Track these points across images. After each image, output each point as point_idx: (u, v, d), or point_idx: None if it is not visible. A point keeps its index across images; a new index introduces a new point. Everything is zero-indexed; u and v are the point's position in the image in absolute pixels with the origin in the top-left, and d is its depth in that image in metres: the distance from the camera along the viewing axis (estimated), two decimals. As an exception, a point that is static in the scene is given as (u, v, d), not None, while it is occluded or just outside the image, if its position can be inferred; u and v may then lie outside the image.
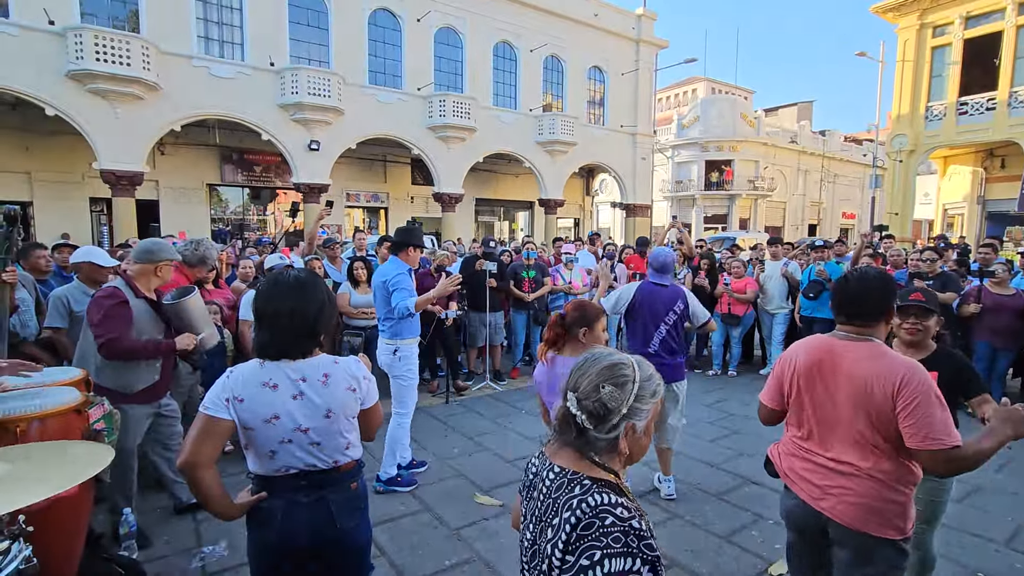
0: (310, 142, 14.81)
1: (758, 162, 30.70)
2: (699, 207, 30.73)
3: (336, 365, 1.84)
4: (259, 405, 1.74)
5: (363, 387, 1.88)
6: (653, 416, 1.32)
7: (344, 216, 20.26)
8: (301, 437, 1.79)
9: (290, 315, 1.76)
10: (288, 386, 1.77)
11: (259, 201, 19.20)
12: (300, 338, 1.78)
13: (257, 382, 1.76)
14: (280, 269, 1.91)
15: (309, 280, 1.84)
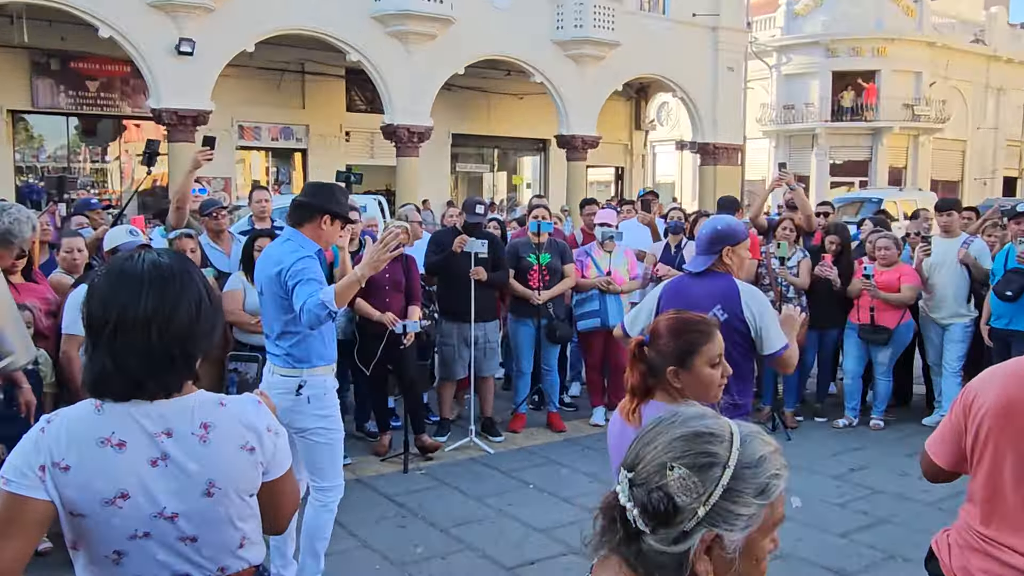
0: (179, 42, 14.83)
1: (920, 74, 30.79)
2: (821, 149, 30.81)
3: (223, 409, 1.86)
4: (95, 476, 1.73)
5: (266, 445, 1.89)
6: (766, 527, 1.28)
7: (236, 164, 20.33)
8: (165, 529, 1.79)
9: (145, 326, 1.77)
10: (144, 444, 1.77)
11: (94, 139, 19.28)
12: (162, 364, 1.79)
13: (92, 438, 1.75)
14: (129, 251, 1.92)
15: (176, 269, 1.84)
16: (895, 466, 6.22)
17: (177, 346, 1.79)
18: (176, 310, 1.79)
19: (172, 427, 1.79)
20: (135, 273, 1.80)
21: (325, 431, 3.95)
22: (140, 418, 1.77)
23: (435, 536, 4.95)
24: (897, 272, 7.02)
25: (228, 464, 1.82)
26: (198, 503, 1.80)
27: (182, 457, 1.78)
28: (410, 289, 6.32)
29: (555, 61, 19.61)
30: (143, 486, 1.75)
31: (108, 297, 1.78)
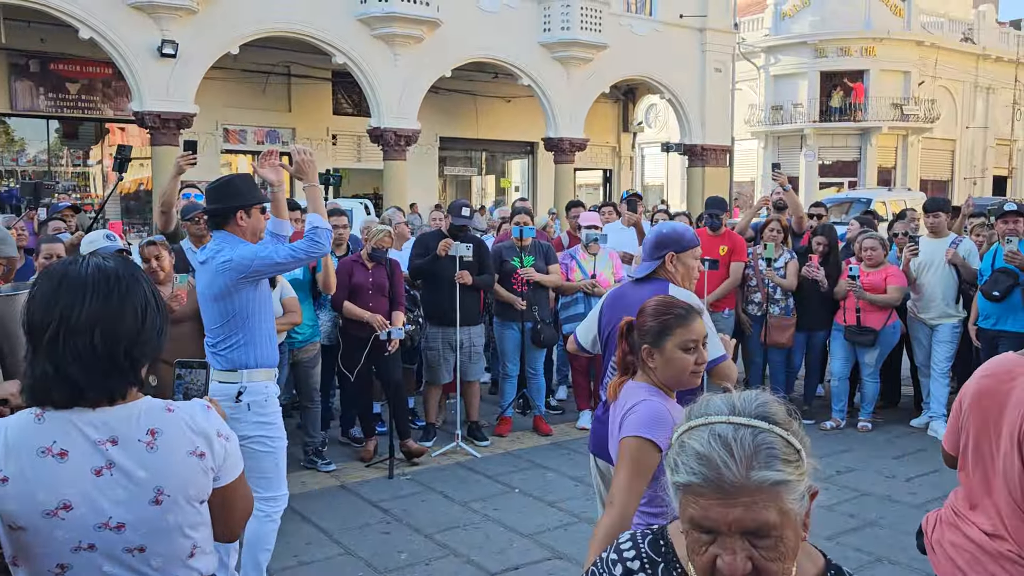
0: (161, 44, 14.78)
1: (908, 74, 30.96)
2: (810, 150, 30.93)
3: (170, 415, 1.83)
4: (36, 487, 1.71)
5: (217, 450, 1.87)
6: (681, 515, 1.32)
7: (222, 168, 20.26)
8: (111, 539, 1.76)
9: (88, 331, 1.74)
10: (87, 453, 1.74)
11: (76, 142, 19.18)
12: (105, 370, 1.76)
13: (32, 448, 1.72)
14: (69, 258, 1.90)
15: (121, 273, 1.83)
16: (882, 468, 6.24)
17: (121, 351, 1.77)
18: (121, 314, 1.77)
19: (117, 434, 1.76)
20: (78, 277, 1.78)
21: (267, 439, 3.89)
22: (83, 426, 1.75)
23: (419, 542, 4.94)
24: (883, 273, 7.04)
25: (177, 470, 1.80)
26: (146, 512, 1.77)
27: (129, 464, 1.76)
28: (394, 293, 6.31)
29: (542, 64, 19.63)
30: (87, 496, 1.73)
31: (50, 301, 1.76)
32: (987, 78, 34.19)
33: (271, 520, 3.98)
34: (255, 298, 3.85)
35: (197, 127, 15.83)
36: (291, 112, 20.56)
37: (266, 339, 3.93)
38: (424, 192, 21.44)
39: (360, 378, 6.31)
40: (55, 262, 1.91)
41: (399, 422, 6.33)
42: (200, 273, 3.93)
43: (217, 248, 3.84)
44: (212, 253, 3.84)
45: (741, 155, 30.02)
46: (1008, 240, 6.32)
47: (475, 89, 22.01)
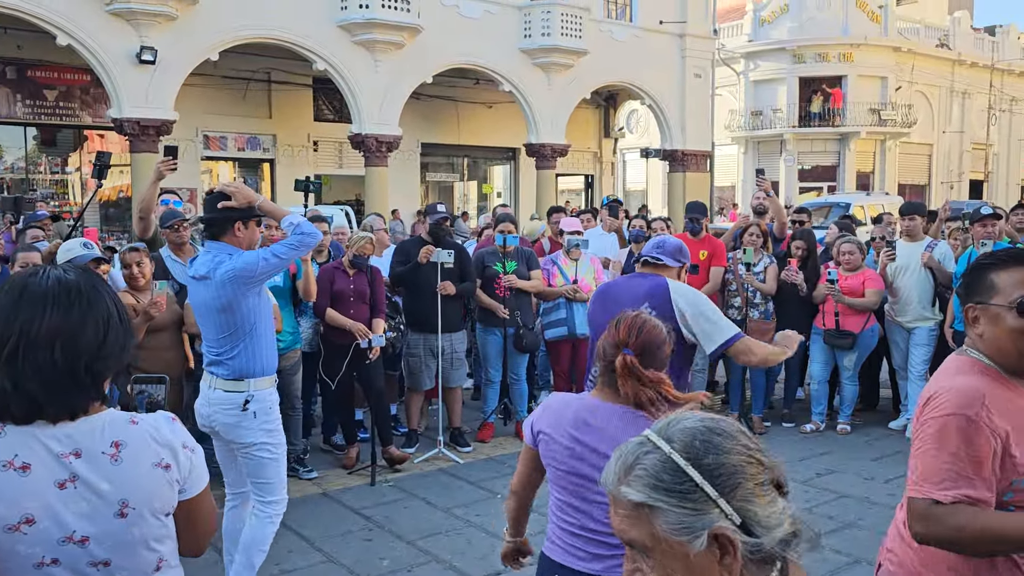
0: (140, 50, 14.69)
1: (886, 79, 31.29)
2: (790, 155, 31.16)
3: (134, 427, 1.82)
4: None
5: (182, 462, 1.86)
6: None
7: (203, 175, 20.16)
8: (75, 554, 1.74)
9: (48, 345, 1.72)
10: (49, 466, 1.72)
11: (54, 149, 19.01)
12: (66, 385, 1.74)
13: None
14: (30, 269, 1.86)
15: (83, 285, 1.80)
16: (861, 470, 6.30)
17: (82, 366, 1.74)
18: (82, 328, 1.75)
19: (81, 447, 1.74)
20: (38, 289, 1.75)
21: (271, 446, 3.96)
22: (45, 439, 1.73)
23: (401, 549, 4.94)
24: (861, 277, 7.11)
25: (142, 483, 1.78)
26: (110, 525, 1.76)
27: (93, 477, 1.74)
28: (375, 300, 6.31)
29: (523, 70, 19.67)
30: (50, 509, 1.71)
31: (9, 314, 1.73)
32: (963, 83, 34.60)
33: (272, 522, 4.04)
34: (258, 307, 3.92)
35: (177, 134, 15.74)
36: (272, 118, 20.48)
37: (269, 347, 4.02)
38: (406, 198, 21.42)
39: (341, 385, 6.30)
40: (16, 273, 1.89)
41: (381, 429, 6.32)
42: (198, 288, 3.93)
43: (214, 260, 3.85)
44: (211, 265, 3.84)
45: (722, 160, 30.19)
46: (983, 243, 6.40)
47: (456, 95, 22.02)
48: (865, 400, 7.94)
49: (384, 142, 17.76)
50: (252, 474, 4.00)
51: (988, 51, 35.28)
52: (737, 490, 1.16)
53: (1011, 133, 37.13)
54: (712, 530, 1.13)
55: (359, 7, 16.70)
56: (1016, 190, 37.13)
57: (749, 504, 1.16)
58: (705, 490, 1.15)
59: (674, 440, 1.20)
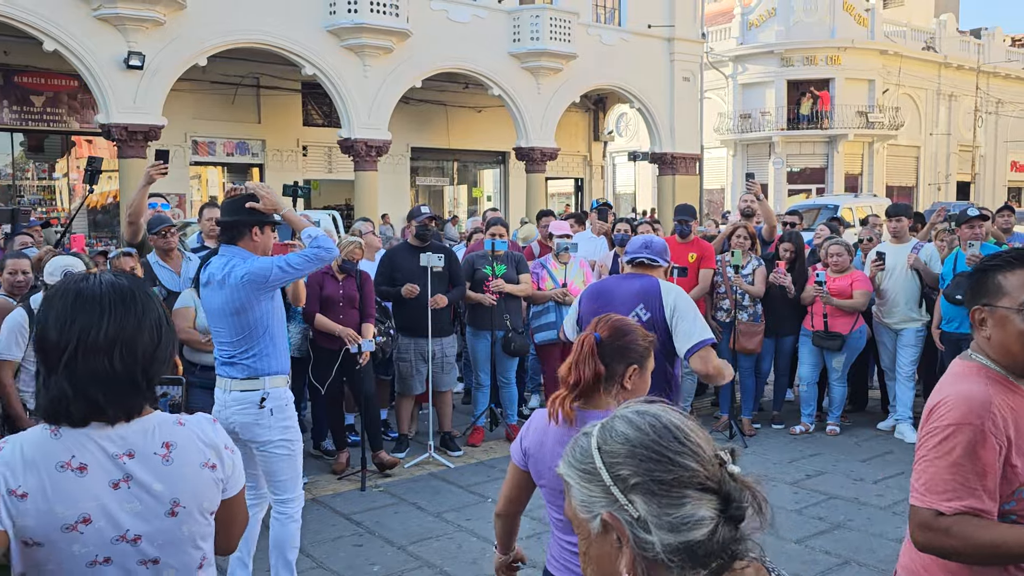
0: (128, 55, 14.65)
1: (873, 82, 31.46)
2: (779, 157, 31.28)
3: (182, 428, 1.86)
4: (56, 501, 1.71)
5: (226, 462, 1.91)
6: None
7: (192, 180, 20.10)
8: (127, 552, 1.77)
9: (107, 351, 1.75)
10: (105, 466, 1.76)
11: (41, 155, 18.92)
12: (124, 389, 1.77)
13: (51, 463, 1.73)
14: (80, 274, 1.88)
15: (136, 291, 1.83)
16: (851, 471, 6.33)
17: (139, 370, 1.78)
18: (139, 333, 1.78)
19: (134, 448, 1.78)
20: (93, 295, 1.78)
21: (288, 443, 4.04)
22: (100, 440, 1.76)
23: (392, 554, 4.93)
24: (849, 278, 7.14)
25: (192, 483, 1.83)
26: (162, 523, 1.80)
27: (146, 477, 1.78)
28: (364, 305, 6.31)
29: (512, 74, 19.70)
30: (105, 509, 1.74)
31: (65, 320, 1.75)
32: (949, 86, 34.81)
33: (292, 520, 4.12)
34: (272, 309, 4.01)
35: (165, 139, 15.69)
36: (261, 123, 20.44)
37: (283, 347, 4.12)
38: (396, 202, 21.40)
39: (331, 390, 6.29)
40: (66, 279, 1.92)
41: (371, 434, 6.31)
42: (211, 292, 3.99)
43: (228, 263, 3.90)
44: (226, 270, 3.90)
45: (711, 163, 30.30)
46: (970, 244, 6.44)
47: (446, 99, 22.03)
48: (854, 401, 7.98)
49: (373, 146, 17.75)
50: (269, 473, 4.07)
51: (974, 53, 35.51)
52: (633, 482, 1.16)
53: (997, 135, 37.36)
54: (602, 514, 1.16)
55: (348, 12, 16.70)
56: (1003, 191, 37.38)
57: (649, 501, 1.15)
58: (601, 475, 1.17)
59: (602, 426, 1.24)
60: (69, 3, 14.26)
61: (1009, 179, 38.74)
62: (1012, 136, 37.79)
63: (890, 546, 4.92)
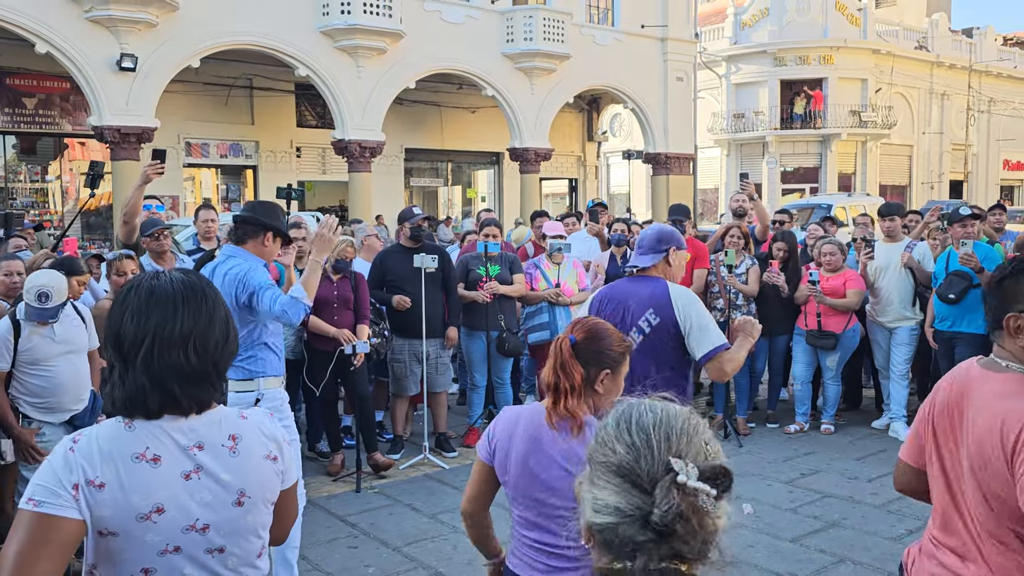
0: (120, 57, 14.62)
1: (866, 81, 31.52)
2: (772, 157, 31.34)
3: (245, 421, 1.94)
4: (132, 491, 1.76)
5: (286, 454, 1.99)
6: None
7: (185, 182, 20.06)
8: (196, 541, 1.83)
9: (183, 345, 1.82)
10: (177, 457, 1.82)
11: (34, 158, 18.85)
12: (199, 382, 1.85)
13: (127, 454, 1.78)
14: (151, 274, 1.95)
15: (205, 287, 1.91)
16: (845, 470, 6.34)
17: (211, 363, 1.86)
18: (211, 328, 1.87)
19: (203, 440, 1.85)
20: (167, 292, 1.86)
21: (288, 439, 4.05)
22: (173, 432, 1.82)
23: (387, 555, 4.93)
24: (842, 278, 7.16)
25: (256, 474, 1.89)
26: (229, 513, 1.86)
27: (216, 468, 1.84)
28: (359, 306, 6.30)
29: (506, 74, 19.70)
30: (177, 499, 1.80)
31: (141, 316, 1.82)
32: (941, 85, 34.91)
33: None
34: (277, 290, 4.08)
35: (158, 141, 15.64)
36: (254, 125, 20.40)
37: (278, 350, 4.20)
38: (390, 204, 21.34)
39: (326, 392, 6.29)
40: (130, 277, 2.01)
41: (366, 435, 6.31)
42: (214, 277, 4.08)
43: (230, 259, 4.03)
44: (229, 265, 4.04)
45: (704, 163, 30.31)
46: (962, 243, 6.46)
47: (440, 100, 22.02)
48: (848, 400, 8.00)
49: (367, 147, 17.74)
50: None
51: (966, 53, 35.62)
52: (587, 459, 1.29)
53: (989, 134, 37.48)
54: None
55: (341, 13, 16.68)
56: (995, 190, 37.50)
57: (589, 478, 1.27)
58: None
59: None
60: (61, 5, 14.23)
61: (1001, 178, 38.87)
62: (1004, 135, 37.91)
63: (884, 544, 4.93)
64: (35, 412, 4.53)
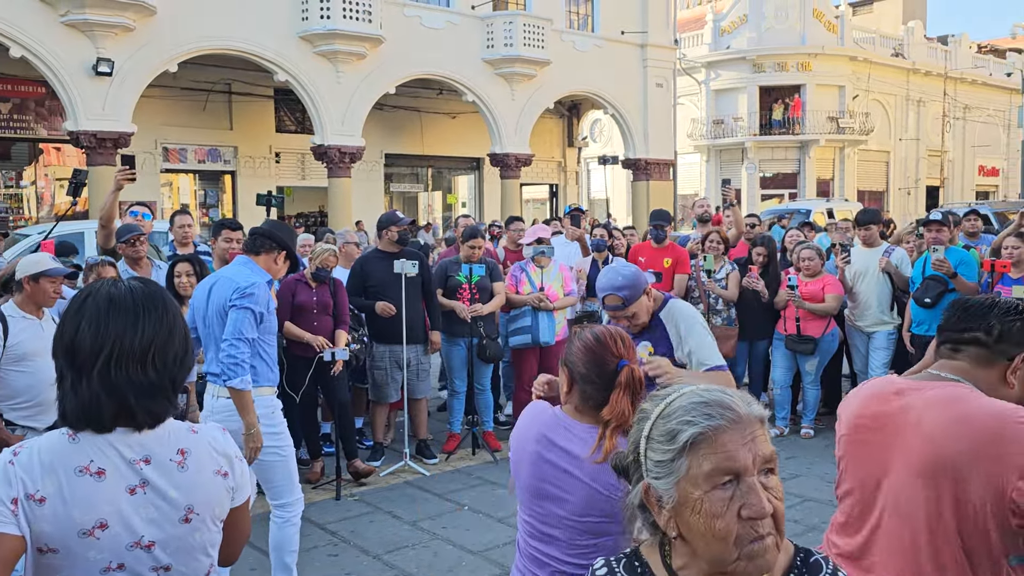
0: (97, 62, 14.49)
1: (843, 88, 31.84)
2: (751, 162, 31.56)
3: (195, 435, 1.88)
4: (74, 506, 1.71)
5: (236, 470, 1.93)
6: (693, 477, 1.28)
7: (163, 187, 19.90)
8: (141, 558, 1.77)
9: (142, 357, 1.77)
10: (123, 472, 1.76)
11: (8, 163, 18.63)
12: (155, 395, 1.80)
13: (69, 467, 1.73)
14: (108, 280, 1.91)
15: (165, 298, 1.86)
16: (825, 473, 6.37)
17: (169, 377, 1.82)
18: (171, 340, 1.82)
19: (151, 454, 1.79)
20: (126, 302, 1.80)
21: (278, 448, 4.11)
22: (118, 445, 1.77)
23: (367, 563, 4.90)
24: (821, 283, 7.21)
25: (206, 489, 1.85)
26: (176, 530, 1.81)
27: (162, 483, 1.79)
28: (338, 312, 6.27)
29: (486, 80, 19.72)
30: (121, 515, 1.74)
31: (100, 325, 1.76)
32: (917, 91, 35.33)
33: (290, 524, 4.22)
34: (265, 321, 4.14)
35: (135, 146, 15.55)
36: (233, 130, 20.29)
37: (272, 359, 4.25)
38: (370, 209, 21.26)
39: (306, 399, 6.25)
40: (89, 284, 1.94)
41: (346, 442, 6.28)
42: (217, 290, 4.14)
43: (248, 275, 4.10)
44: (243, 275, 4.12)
45: (684, 169, 30.50)
46: (934, 248, 6.54)
47: (420, 105, 22.00)
48: (828, 404, 8.04)
49: (347, 153, 17.69)
50: (263, 480, 4.12)
51: (941, 60, 36.09)
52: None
53: (965, 140, 37.97)
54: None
55: (320, 18, 16.64)
56: (971, 195, 37.95)
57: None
58: None
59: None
60: (36, 8, 14.09)
61: (977, 183, 39.37)
62: (979, 141, 38.44)
63: (864, 548, 4.96)
64: (20, 417, 4.45)
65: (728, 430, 1.28)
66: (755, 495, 1.26)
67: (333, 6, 16.59)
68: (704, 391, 1.36)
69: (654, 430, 1.35)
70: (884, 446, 2.14)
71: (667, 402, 1.37)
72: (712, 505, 1.27)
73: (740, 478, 1.27)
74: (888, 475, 2.12)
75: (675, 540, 1.35)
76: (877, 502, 2.15)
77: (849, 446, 2.24)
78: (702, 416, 1.31)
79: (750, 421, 1.30)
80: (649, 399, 1.43)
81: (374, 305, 6.51)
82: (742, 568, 1.27)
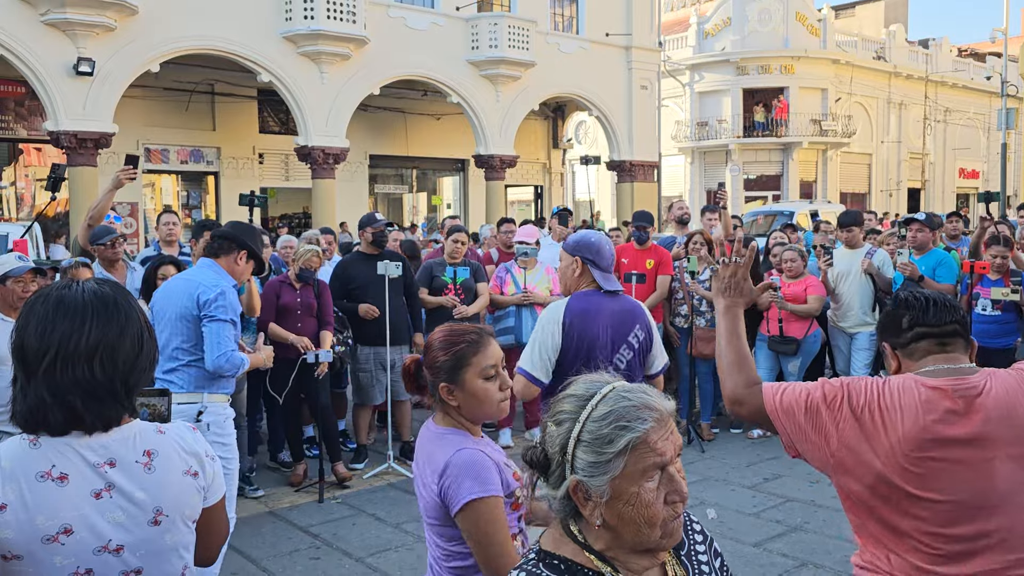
0: (78, 61, 14.36)
1: (826, 90, 32.05)
2: (735, 164, 31.70)
3: (162, 436, 1.85)
4: (37, 512, 1.69)
5: (207, 469, 1.90)
6: (629, 474, 1.41)
7: (144, 188, 19.76)
8: (110, 563, 1.75)
9: (89, 359, 1.74)
10: (86, 476, 1.74)
11: (-11, 164, 18.49)
12: (104, 398, 1.76)
13: (31, 473, 1.71)
14: (63, 281, 1.87)
15: (119, 299, 1.82)
16: (808, 474, 6.40)
17: (120, 380, 1.77)
18: (121, 342, 1.77)
19: (115, 456, 1.77)
20: (75, 303, 1.77)
21: (224, 460, 3.95)
22: (81, 449, 1.74)
23: (350, 566, 4.88)
24: (803, 284, 7.25)
25: (174, 491, 1.83)
26: (145, 533, 1.79)
27: (128, 486, 1.77)
28: (322, 313, 6.25)
29: (471, 81, 19.71)
30: (87, 519, 1.72)
31: (46, 327, 1.74)
32: (899, 94, 35.61)
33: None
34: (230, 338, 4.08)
35: (117, 146, 15.41)
36: (216, 131, 20.17)
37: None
38: (354, 211, 21.15)
39: (289, 401, 6.21)
40: (48, 286, 1.90)
41: (329, 445, 6.24)
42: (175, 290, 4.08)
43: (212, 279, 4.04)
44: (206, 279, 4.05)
45: (669, 171, 30.60)
46: (899, 252, 6.63)
47: (404, 107, 21.97)
48: (810, 405, 8.07)
49: (331, 154, 17.63)
50: None
51: (922, 63, 36.39)
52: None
53: (946, 143, 38.30)
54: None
55: (304, 18, 16.57)
56: (952, 197, 38.30)
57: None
58: None
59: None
60: (15, 8, 13.95)
61: (957, 186, 39.74)
62: (960, 144, 38.78)
63: (847, 547, 4.97)
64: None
65: (656, 429, 1.42)
66: (677, 482, 1.43)
67: (317, 7, 16.52)
68: (626, 392, 1.47)
69: (584, 433, 1.44)
70: (980, 458, 2.11)
71: (593, 404, 1.47)
72: (646, 496, 1.42)
73: (664, 468, 1.42)
74: (993, 478, 2.11)
75: (597, 527, 1.46)
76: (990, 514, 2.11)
77: (934, 473, 2.12)
78: (636, 420, 1.42)
79: (668, 416, 1.44)
80: (565, 400, 1.50)
81: (357, 308, 6.49)
82: (664, 544, 1.46)
